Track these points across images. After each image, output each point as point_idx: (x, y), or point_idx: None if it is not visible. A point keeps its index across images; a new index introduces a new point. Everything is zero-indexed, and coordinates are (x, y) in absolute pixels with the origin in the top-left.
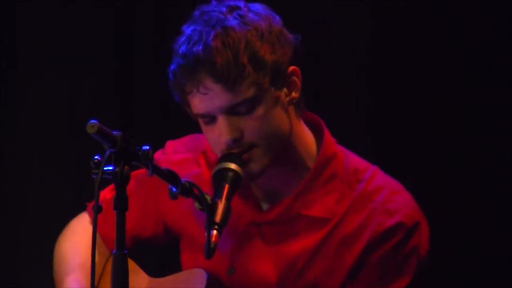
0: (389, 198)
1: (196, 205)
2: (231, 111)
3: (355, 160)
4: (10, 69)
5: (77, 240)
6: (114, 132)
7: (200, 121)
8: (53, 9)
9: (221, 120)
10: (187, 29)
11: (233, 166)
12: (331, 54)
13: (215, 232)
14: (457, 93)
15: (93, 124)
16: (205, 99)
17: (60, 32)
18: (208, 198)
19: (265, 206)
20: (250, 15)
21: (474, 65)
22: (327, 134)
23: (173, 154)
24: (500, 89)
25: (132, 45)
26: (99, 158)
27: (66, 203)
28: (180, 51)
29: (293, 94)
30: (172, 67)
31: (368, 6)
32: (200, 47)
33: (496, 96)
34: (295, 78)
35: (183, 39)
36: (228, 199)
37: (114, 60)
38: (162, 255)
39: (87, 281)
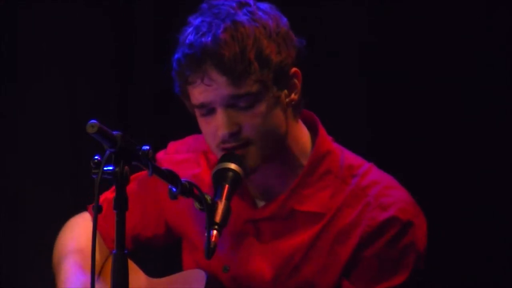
0: (383, 193)
1: (196, 205)
2: (232, 104)
3: (350, 157)
4: (10, 69)
5: (77, 232)
6: (114, 132)
7: (197, 112)
8: (52, 9)
9: (220, 113)
10: (195, 20)
11: (233, 166)
12: (330, 53)
13: (215, 232)
14: (456, 92)
15: (93, 124)
16: (208, 90)
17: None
18: (208, 198)
19: (260, 203)
20: (259, 13)
21: (473, 63)
22: (321, 132)
23: (175, 154)
24: (499, 87)
25: (132, 45)
26: (99, 158)
27: (66, 203)
28: (187, 41)
29: (293, 96)
30: (176, 56)
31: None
32: (209, 38)
33: (495, 94)
34: (296, 80)
35: (190, 29)
36: (228, 199)
37: (114, 60)
38: (163, 256)
39: (84, 264)
